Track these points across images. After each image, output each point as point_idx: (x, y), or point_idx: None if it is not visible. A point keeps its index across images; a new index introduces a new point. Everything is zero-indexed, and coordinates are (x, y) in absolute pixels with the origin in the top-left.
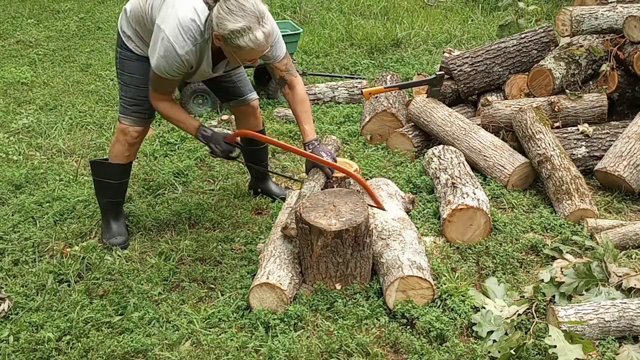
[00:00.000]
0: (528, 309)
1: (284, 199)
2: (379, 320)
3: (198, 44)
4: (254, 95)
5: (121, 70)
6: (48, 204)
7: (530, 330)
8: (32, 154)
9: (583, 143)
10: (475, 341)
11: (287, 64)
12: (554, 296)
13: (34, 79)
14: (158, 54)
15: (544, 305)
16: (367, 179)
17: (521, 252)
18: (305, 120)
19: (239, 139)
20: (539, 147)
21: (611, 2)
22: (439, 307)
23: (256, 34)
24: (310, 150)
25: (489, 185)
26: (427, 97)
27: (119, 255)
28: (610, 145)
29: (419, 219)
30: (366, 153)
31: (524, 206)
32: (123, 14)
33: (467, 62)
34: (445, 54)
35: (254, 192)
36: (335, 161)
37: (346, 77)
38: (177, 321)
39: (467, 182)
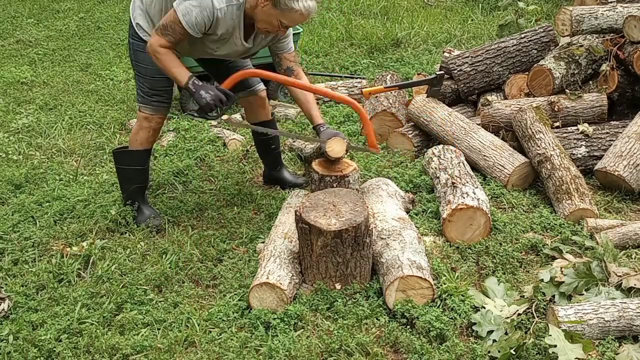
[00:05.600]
0: (528, 308)
1: (298, 187)
2: (378, 320)
3: (232, 6)
4: (261, 86)
5: (136, 62)
6: (48, 203)
7: (530, 329)
8: (32, 154)
9: (583, 143)
10: (475, 341)
11: (295, 55)
12: (553, 296)
13: (33, 78)
14: (191, 2)
15: (544, 305)
16: (366, 179)
17: (521, 252)
18: (313, 107)
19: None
20: (538, 146)
21: (611, 2)
22: (438, 306)
23: (309, 3)
24: (322, 132)
25: (488, 185)
26: (427, 97)
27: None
28: (610, 145)
29: (419, 218)
30: (366, 153)
31: (523, 206)
32: (135, 1)
33: (467, 62)
34: (445, 54)
35: (269, 182)
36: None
37: (346, 77)
38: (177, 321)
39: (467, 182)
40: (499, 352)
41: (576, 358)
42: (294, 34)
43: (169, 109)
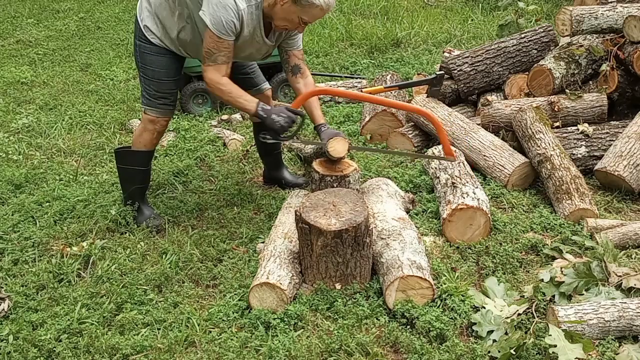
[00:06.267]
0: (528, 308)
1: (298, 187)
2: (378, 320)
3: (252, 6)
4: (267, 85)
5: (143, 64)
6: (48, 203)
7: (530, 329)
8: (32, 154)
9: (583, 143)
10: (475, 341)
11: (302, 53)
12: (553, 296)
13: (33, 78)
14: (214, 8)
15: (544, 305)
16: (366, 179)
17: (521, 252)
18: (316, 106)
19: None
20: (538, 146)
21: (611, 2)
22: (438, 306)
23: None
24: (323, 132)
25: (489, 185)
26: (427, 97)
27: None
28: (610, 145)
29: (419, 218)
30: (366, 153)
31: (523, 206)
32: (143, 2)
33: (467, 62)
34: (445, 54)
35: (269, 182)
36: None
37: (346, 77)
38: (177, 321)
39: (467, 182)
40: (499, 352)
41: (576, 358)
42: None
43: (174, 112)
